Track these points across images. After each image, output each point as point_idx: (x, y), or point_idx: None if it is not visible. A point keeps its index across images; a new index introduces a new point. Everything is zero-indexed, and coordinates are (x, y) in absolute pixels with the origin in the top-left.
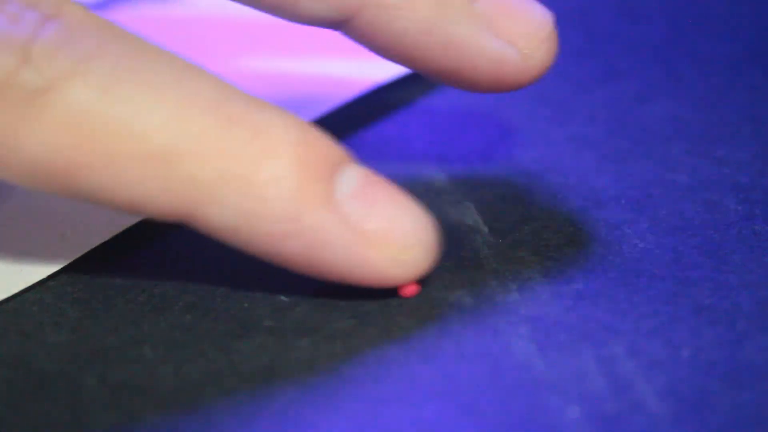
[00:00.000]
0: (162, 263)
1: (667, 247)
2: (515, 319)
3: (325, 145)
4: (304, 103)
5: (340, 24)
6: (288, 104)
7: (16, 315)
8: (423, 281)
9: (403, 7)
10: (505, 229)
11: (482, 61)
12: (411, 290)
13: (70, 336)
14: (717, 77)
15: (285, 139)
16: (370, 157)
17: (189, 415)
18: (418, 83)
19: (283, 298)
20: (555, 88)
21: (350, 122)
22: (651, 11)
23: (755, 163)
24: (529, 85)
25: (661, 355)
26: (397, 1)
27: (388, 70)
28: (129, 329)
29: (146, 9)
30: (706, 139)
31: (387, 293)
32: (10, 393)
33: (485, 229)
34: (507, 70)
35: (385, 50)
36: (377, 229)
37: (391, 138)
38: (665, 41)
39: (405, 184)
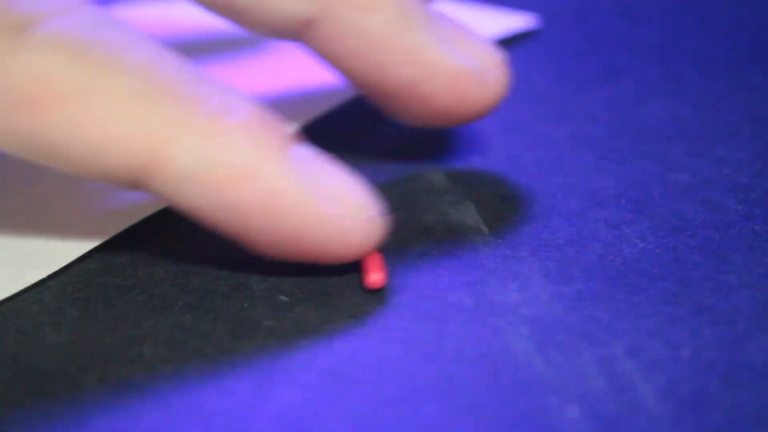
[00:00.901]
0: (162, 263)
1: (667, 247)
2: (515, 319)
3: (278, 122)
4: (304, 101)
5: (306, 28)
6: (287, 102)
7: (16, 315)
8: (413, 280)
9: (369, 8)
10: (505, 229)
11: (442, 71)
12: (377, 280)
13: (70, 336)
14: (717, 77)
15: (244, 105)
16: (370, 157)
17: (189, 415)
18: None
19: (283, 298)
20: (555, 88)
21: (350, 122)
22: (651, 11)
23: (755, 163)
24: (483, 116)
25: (661, 355)
26: (363, 4)
27: None
28: (129, 329)
29: (130, 13)
30: (706, 139)
31: (380, 290)
32: (10, 393)
33: (485, 229)
34: (465, 83)
35: (347, 59)
36: (333, 187)
37: (391, 138)
38: (665, 41)
39: (405, 183)
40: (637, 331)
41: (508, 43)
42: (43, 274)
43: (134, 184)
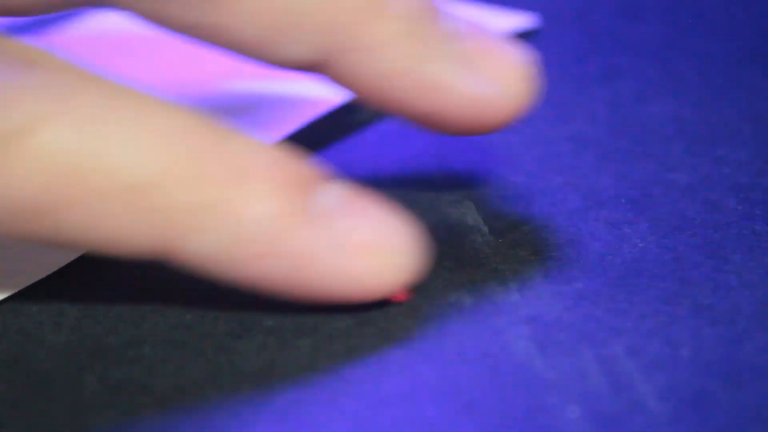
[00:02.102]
0: (162, 263)
1: (667, 247)
2: (515, 319)
3: (300, 165)
4: (299, 105)
5: (320, 66)
6: (282, 106)
7: (16, 315)
8: (416, 286)
9: (377, 49)
10: (505, 229)
11: (459, 99)
12: (401, 296)
13: (70, 336)
14: (717, 77)
15: (259, 163)
16: (370, 157)
17: (189, 415)
18: None
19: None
20: (555, 88)
21: (348, 123)
22: (651, 11)
23: (755, 163)
24: (510, 125)
25: (661, 355)
26: (372, 43)
27: None
28: (129, 329)
29: (91, 28)
30: (706, 139)
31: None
32: (10, 393)
33: (485, 229)
34: (484, 107)
35: (364, 93)
36: (362, 239)
37: (391, 138)
38: (665, 41)
39: (405, 184)
40: (637, 330)
41: None
42: (43, 274)
43: (162, 261)
